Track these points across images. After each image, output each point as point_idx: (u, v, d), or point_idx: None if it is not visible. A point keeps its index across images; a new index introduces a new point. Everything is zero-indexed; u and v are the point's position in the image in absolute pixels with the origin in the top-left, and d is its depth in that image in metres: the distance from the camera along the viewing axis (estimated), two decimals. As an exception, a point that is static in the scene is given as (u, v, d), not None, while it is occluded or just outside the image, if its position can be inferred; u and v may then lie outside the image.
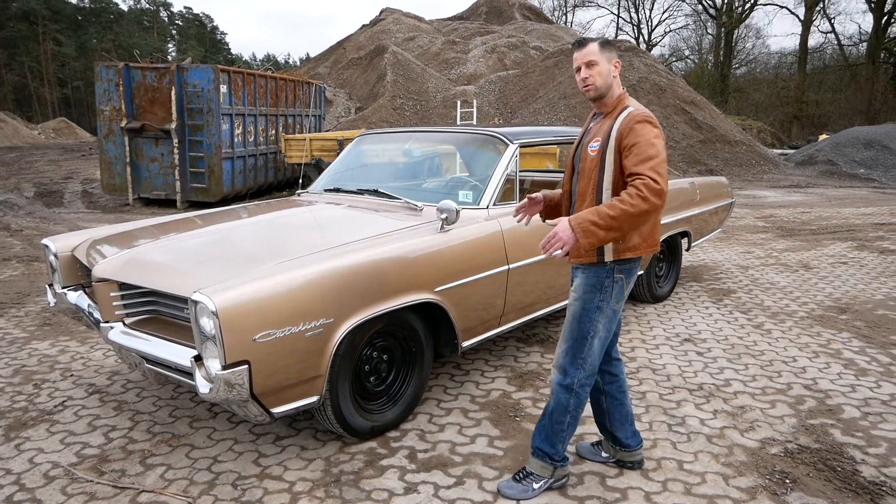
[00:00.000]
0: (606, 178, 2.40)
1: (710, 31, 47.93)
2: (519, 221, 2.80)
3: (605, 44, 2.48)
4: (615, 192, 2.38)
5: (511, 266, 3.45)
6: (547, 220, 2.82)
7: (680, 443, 2.99)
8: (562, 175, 5.22)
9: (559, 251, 2.25)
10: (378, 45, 26.40)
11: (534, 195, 2.78)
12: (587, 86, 2.46)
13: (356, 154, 4.60)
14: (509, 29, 31.74)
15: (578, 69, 2.47)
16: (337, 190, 4.16)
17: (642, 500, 2.54)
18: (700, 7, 47.09)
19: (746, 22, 45.08)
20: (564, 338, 2.53)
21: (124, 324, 2.88)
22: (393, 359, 3.13)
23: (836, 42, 41.71)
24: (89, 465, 2.81)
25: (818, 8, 38.94)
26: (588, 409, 2.88)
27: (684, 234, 5.43)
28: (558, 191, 2.83)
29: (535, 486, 2.56)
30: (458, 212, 3.14)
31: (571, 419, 2.54)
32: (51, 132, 36.69)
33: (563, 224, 2.25)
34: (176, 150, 11.19)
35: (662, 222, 4.93)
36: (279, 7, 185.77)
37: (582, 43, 2.48)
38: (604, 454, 2.84)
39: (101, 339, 4.23)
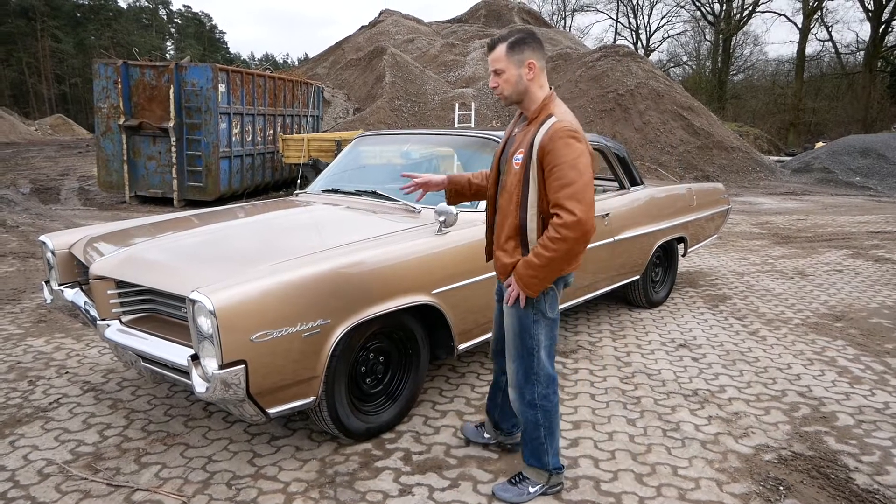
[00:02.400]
0: (531, 197, 2.28)
1: (708, 37, 48.12)
2: (407, 193, 2.90)
3: (516, 44, 2.29)
4: (540, 210, 2.29)
5: (508, 269, 3.45)
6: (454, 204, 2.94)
7: (674, 448, 3.00)
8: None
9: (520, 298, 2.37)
10: (377, 47, 26.42)
11: (437, 179, 2.83)
12: (497, 94, 2.38)
13: (354, 155, 4.60)
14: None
15: (490, 72, 2.37)
16: (335, 191, 4.17)
17: (636, 505, 2.55)
18: (698, 13, 47.28)
19: (744, 29, 45.32)
20: (512, 357, 2.50)
21: (121, 322, 2.88)
22: (389, 360, 3.13)
23: (833, 50, 41.95)
24: (84, 463, 2.81)
25: (816, 16, 39.12)
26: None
27: (680, 239, 5.45)
28: (466, 175, 2.86)
29: (531, 489, 2.57)
30: (456, 214, 3.15)
31: (546, 431, 2.52)
32: (48, 129, 36.61)
33: (511, 281, 2.37)
34: (173, 149, 11.18)
35: (660, 227, 4.96)
36: (278, 7, 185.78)
37: (490, 45, 2.34)
38: (486, 435, 2.98)
39: (97, 337, 4.23)
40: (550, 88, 2.39)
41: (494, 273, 2.65)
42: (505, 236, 2.39)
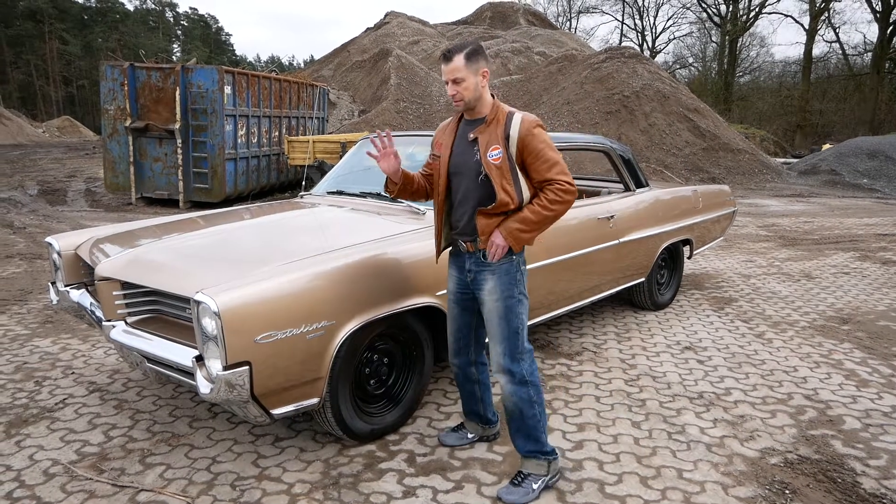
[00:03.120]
0: (523, 185, 2.48)
1: (714, 38, 47.95)
2: (370, 152, 2.65)
3: (472, 55, 2.47)
4: (532, 193, 2.51)
5: (513, 271, 3.45)
6: (399, 199, 2.83)
7: (679, 451, 2.99)
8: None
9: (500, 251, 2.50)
10: (382, 49, 26.45)
11: (396, 168, 2.64)
12: (457, 101, 2.51)
13: (360, 157, 4.60)
14: (513, 34, 31.79)
15: (447, 82, 2.50)
16: (340, 192, 4.17)
17: (641, 508, 2.54)
18: (704, 15, 47.14)
19: (751, 30, 45.09)
20: (496, 340, 2.59)
21: (126, 323, 2.89)
22: (393, 362, 3.13)
23: (840, 51, 41.69)
24: (89, 464, 2.81)
25: (823, 17, 38.94)
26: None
27: (686, 241, 5.43)
28: (415, 174, 2.76)
29: (535, 486, 2.59)
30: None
31: (540, 407, 2.63)
32: (55, 130, 36.82)
33: (497, 236, 2.49)
34: (179, 150, 11.21)
35: (665, 230, 4.95)
36: (284, 9, 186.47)
37: (447, 57, 2.48)
38: (470, 435, 3.03)
39: (103, 338, 4.24)
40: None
41: (467, 277, 2.67)
42: (497, 217, 2.51)
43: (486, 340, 2.84)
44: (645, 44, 52.07)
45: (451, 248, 2.75)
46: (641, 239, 4.67)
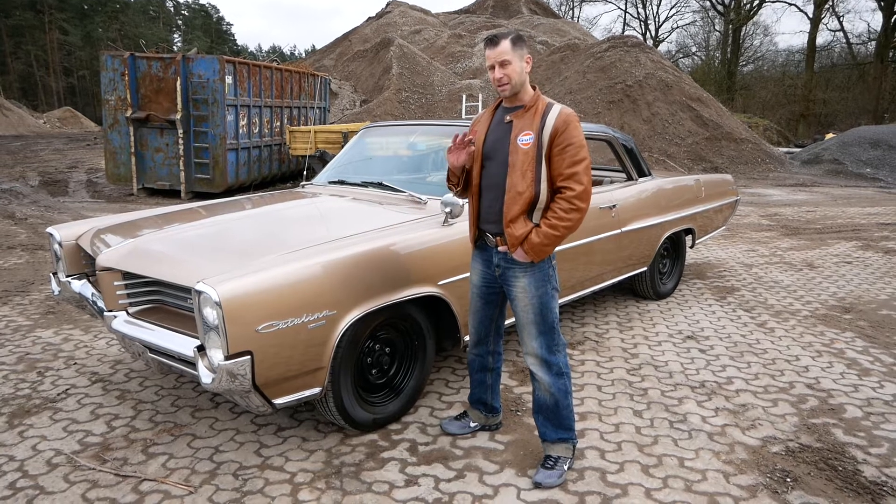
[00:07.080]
0: (544, 173, 2.48)
1: (717, 27, 47.71)
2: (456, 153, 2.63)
3: (517, 40, 2.50)
4: (550, 186, 2.49)
5: (514, 261, 3.44)
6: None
7: (681, 440, 2.99)
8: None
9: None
10: (384, 38, 26.32)
11: (470, 145, 2.64)
12: (502, 85, 2.51)
13: (360, 147, 4.59)
14: (516, 23, 31.63)
15: (492, 67, 2.50)
16: (341, 182, 4.16)
17: (643, 497, 2.54)
18: (708, 3, 46.85)
19: (754, 19, 44.81)
20: (532, 335, 2.63)
21: (128, 313, 2.89)
22: (395, 351, 3.13)
23: (844, 40, 41.41)
24: (92, 454, 2.82)
25: (827, 6, 38.66)
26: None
27: (688, 231, 5.42)
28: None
29: (566, 466, 2.68)
30: (462, 205, 3.13)
31: (572, 398, 2.73)
32: (56, 121, 36.77)
33: (521, 253, 2.52)
34: (181, 141, 11.19)
35: (668, 219, 4.94)
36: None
37: (494, 41, 2.50)
38: (472, 424, 3.05)
39: (105, 328, 4.25)
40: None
41: (494, 272, 2.70)
42: (516, 212, 2.50)
43: (502, 329, 2.94)
44: (648, 33, 51.80)
45: (477, 240, 2.74)
46: (644, 228, 4.66)
